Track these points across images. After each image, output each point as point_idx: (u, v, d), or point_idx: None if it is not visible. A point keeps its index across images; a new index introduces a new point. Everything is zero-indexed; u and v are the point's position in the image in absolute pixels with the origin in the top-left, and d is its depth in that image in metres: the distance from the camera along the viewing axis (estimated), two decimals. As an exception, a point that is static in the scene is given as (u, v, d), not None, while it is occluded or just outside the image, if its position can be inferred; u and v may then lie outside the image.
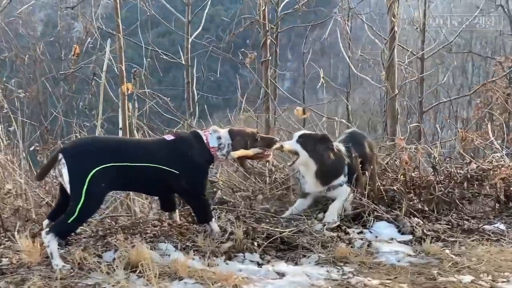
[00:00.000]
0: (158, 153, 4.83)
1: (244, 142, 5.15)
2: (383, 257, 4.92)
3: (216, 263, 4.52)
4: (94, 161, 4.47)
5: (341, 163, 5.95)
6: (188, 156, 4.92)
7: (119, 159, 4.60)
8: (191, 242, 4.84)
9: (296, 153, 5.78)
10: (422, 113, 13.46)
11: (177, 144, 4.96)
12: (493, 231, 5.78)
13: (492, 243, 5.46)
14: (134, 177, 4.72)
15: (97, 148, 4.66)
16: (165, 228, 5.17)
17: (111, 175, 4.52)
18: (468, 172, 6.67)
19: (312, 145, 5.77)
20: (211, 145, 5.05)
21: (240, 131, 5.29)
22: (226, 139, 5.12)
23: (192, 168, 4.93)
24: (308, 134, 5.99)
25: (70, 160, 4.47)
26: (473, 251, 5.15)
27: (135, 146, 4.95)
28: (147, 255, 4.22)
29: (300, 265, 4.68)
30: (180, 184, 4.87)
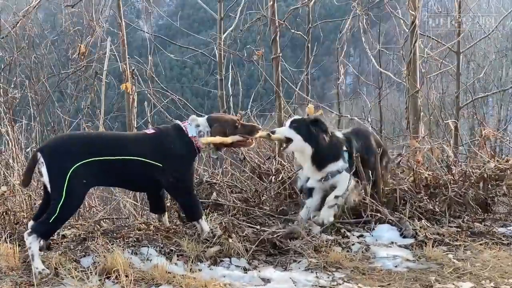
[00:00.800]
0: (140, 147, 4.76)
1: (223, 128, 5.05)
2: (379, 262, 4.74)
3: (199, 268, 4.42)
4: (73, 158, 4.43)
5: (338, 147, 5.74)
6: (170, 148, 4.85)
7: (99, 153, 4.55)
8: (176, 246, 4.74)
9: (289, 140, 5.59)
10: (459, 110, 13.06)
11: (158, 137, 4.91)
12: (505, 234, 5.50)
13: (501, 247, 5.19)
14: (116, 172, 4.67)
15: (76, 144, 4.62)
16: (150, 231, 5.07)
17: (92, 171, 4.48)
18: (484, 172, 6.38)
19: (305, 128, 5.59)
20: (190, 134, 4.97)
21: (218, 118, 5.23)
22: (205, 126, 5.04)
23: (175, 161, 4.85)
24: (300, 119, 5.80)
25: (49, 159, 4.45)
26: (479, 255, 4.92)
27: (115, 140, 4.87)
28: (124, 261, 4.14)
29: (289, 270, 4.54)
30: (165, 178, 4.80)
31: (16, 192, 5.64)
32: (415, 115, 8.56)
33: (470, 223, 5.76)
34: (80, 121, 7.47)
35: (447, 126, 11.10)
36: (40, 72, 7.98)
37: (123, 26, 6.67)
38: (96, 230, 5.21)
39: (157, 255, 4.57)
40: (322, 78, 31.65)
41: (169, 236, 4.99)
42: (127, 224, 5.51)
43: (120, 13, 6.62)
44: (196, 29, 28.04)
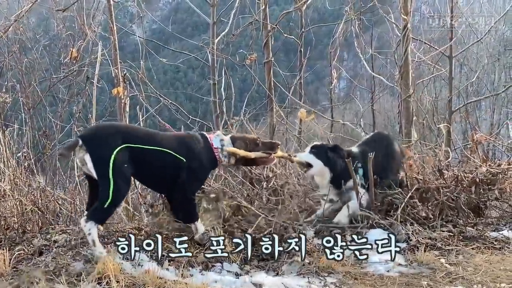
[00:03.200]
0: (169, 142, 4.99)
1: (245, 145, 5.31)
2: (371, 267, 4.72)
3: (191, 274, 4.41)
4: (114, 143, 4.58)
5: (354, 166, 5.94)
6: (195, 150, 5.07)
7: (135, 142, 4.72)
8: (167, 252, 4.70)
9: (309, 165, 5.96)
10: (451, 114, 13.11)
11: (187, 138, 5.15)
12: (497, 239, 5.51)
13: (493, 251, 5.20)
14: (145, 163, 4.80)
15: (115, 131, 4.75)
16: (141, 237, 5.05)
17: (129, 157, 4.66)
18: (476, 176, 6.40)
19: (324, 154, 5.94)
20: (215, 145, 5.20)
21: (241, 137, 5.48)
22: (228, 142, 5.27)
23: (198, 162, 5.06)
24: (319, 145, 6.15)
25: (91, 145, 4.57)
26: (471, 260, 4.93)
27: (149, 133, 5.08)
28: (115, 266, 4.12)
29: (281, 275, 4.53)
30: (182, 175, 4.95)
31: (7, 198, 5.62)
32: (408, 119, 8.61)
33: (462, 227, 5.75)
34: (72, 126, 7.45)
35: (440, 130, 11.13)
36: (31, 76, 7.95)
37: (114, 31, 6.65)
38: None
39: (148, 260, 4.54)
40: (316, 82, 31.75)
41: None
42: (118, 229, 5.48)
43: (112, 18, 6.61)
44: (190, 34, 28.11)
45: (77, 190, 6.72)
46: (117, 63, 6.68)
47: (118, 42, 7.85)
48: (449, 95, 13.08)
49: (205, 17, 11.57)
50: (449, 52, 12.70)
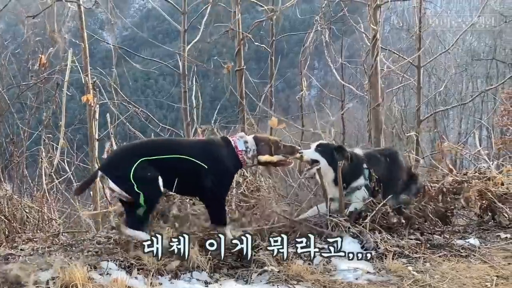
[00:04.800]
0: (190, 149, 5.19)
1: (269, 148, 5.44)
2: (340, 275, 4.75)
3: (160, 282, 4.38)
4: (130, 161, 4.84)
5: (359, 166, 6.15)
6: (218, 155, 5.22)
7: (149, 154, 4.94)
8: (136, 260, 4.67)
9: (315, 161, 6.04)
10: (420, 123, 13.21)
11: (208, 144, 5.40)
12: (463, 247, 5.57)
13: (460, 259, 5.26)
14: (166, 171, 4.96)
15: (129, 151, 5.13)
16: (110, 245, 5.01)
17: (148, 168, 4.88)
18: (443, 186, 6.49)
19: (330, 153, 6.05)
20: (239, 148, 5.33)
21: (264, 138, 5.59)
22: (252, 144, 5.40)
23: (220, 167, 5.20)
24: (325, 144, 6.31)
25: (109, 171, 4.90)
26: (438, 267, 4.98)
27: (166, 143, 5.42)
28: (83, 275, 4.08)
29: (251, 283, 4.53)
30: (206, 180, 5.08)
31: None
32: (377, 128, 8.67)
33: (429, 235, 5.82)
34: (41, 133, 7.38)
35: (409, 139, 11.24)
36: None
37: (85, 37, 6.62)
38: (54, 244, 5.16)
39: (117, 269, 4.51)
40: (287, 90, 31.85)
41: (130, 249, 4.93)
42: (87, 237, 5.44)
43: (82, 24, 6.58)
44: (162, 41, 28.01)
45: (45, 198, 6.64)
46: (87, 70, 6.64)
47: (88, 49, 7.83)
48: (417, 104, 13.16)
49: (176, 25, 11.53)
50: (418, 62, 12.80)
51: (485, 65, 30.23)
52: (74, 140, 8.01)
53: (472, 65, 30.83)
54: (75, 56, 7.09)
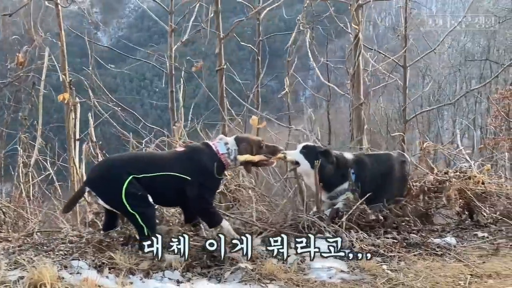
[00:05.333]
0: (172, 162, 5.14)
1: (250, 148, 5.40)
2: (314, 274, 4.74)
3: (131, 281, 4.37)
4: (121, 180, 4.79)
5: (344, 172, 6.16)
6: (201, 164, 5.19)
7: (138, 171, 4.90)
8: (108, 259, 4.67)
9: (297, 163, 6.11)
10: (406, 122, 13.26)
11: (187, 153, 5.29)
12: (439, 245, 5.59)
13: (435, 258, 5.28)
14: (153, 187, 4.95)
15: (118, 166, 5.00)
16: (81, 244, 5.00)
17: (138, 186, 4.85)
18: (424, 185, 6.51)
19: (314, 156, 6.01)
20: (220, 152, 5.31)
21: (245, 138, 5.57)
22: (233, 144, 5.39)
23: (205, 175, 5.17)
24: (311, 146, 6.28)
25: (99, 190, 4.90)
26: (412, 266, 5.00)
27: (152, 159, 5.32)
28: (52, 274, 4.07)
29: (224, 282, 4.51)
30: (192, 191, 5.08)
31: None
32: (359, 127, 8.68)
33: (406, 234, 5.84)
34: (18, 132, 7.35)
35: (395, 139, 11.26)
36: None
37: (62, 36, 6.61)
38: (26, 243, 5.15)
39: (88, 268, 4.50)
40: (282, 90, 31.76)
41: (102, 248, 4.94)
42: (59, 237, 5.42)
43: (60, 23, 6.56)
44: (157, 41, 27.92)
45: (23, 198, 6.64)
46: (65, 69, 6.63)
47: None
48: (403, 104, 13.20)
49: (163, 24, 11.51)
50: (403, 62, 12.82)
51: (478, 65, 30.41)
52: (54, 139, 7.98)
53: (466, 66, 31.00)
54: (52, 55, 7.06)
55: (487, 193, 6.74)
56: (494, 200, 6.75)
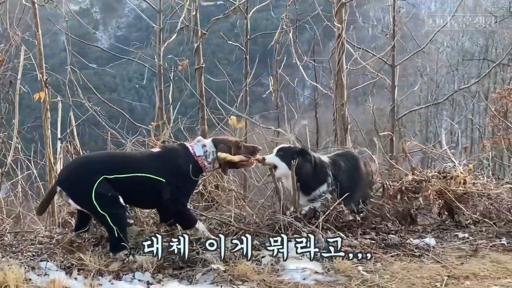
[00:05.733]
0: (146, 164, 5.07)
1: (228, 149, 5.34)
2: (287, 275, 4.69)
3: (100, 283, 4.33)
4: (91, 180, 4.74)
5: (323, 172, 6.15)
6: (176, 166, 5.13)
7: (110, 172, 4.84)
8: (77, 260, 4.63)
9: (275, 166, 6.04)
10: (394, 121, 13.20)
11: (164, 155, 5.23)
12: (418, 246, 5.55)
13: (412, 259, 5.24)
14: (125, 188, 4.90)
15: (89, 166, 4.95)
16: (51, 245, 4.96)
17: (108, 187, 4.80)
18: (402, 185, 6.47)
19: (290, 157, 5.97)
20: (197, 154, 5.25)
21: (223, 139, 5.52)
22: (210, 146, 5.33)
23: (179, 178, 5.12)
24: (286, 147, 6.27)
25: (69, 189, 4.83)
26: (389, 267, 4.95)
27: (126, 159, 5.25)
28: (18, 276, 4.02)
29: (195, 284, 4.47)
30: (165, 194, 5.05)
31: None
32: (342, 127, 8.64)
33: (385, 235, 5.81)
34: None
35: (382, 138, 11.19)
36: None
37: (39, 35, 6.56)
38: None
39: (56, 269, 4.46)
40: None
41: (72, 250, 4.90)
42: (29, 238, 5.38)
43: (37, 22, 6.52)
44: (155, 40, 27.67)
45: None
46: (42, 67, 6.59)
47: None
48: (392, 103, 13.14)
49: (152, 24, 11.44)
50: (392, 61, 12.79)
51: (477, 65, 30.54)
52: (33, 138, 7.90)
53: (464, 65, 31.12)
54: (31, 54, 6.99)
55: (468, 194, 6.69)
56: (476, 201, 6.70)
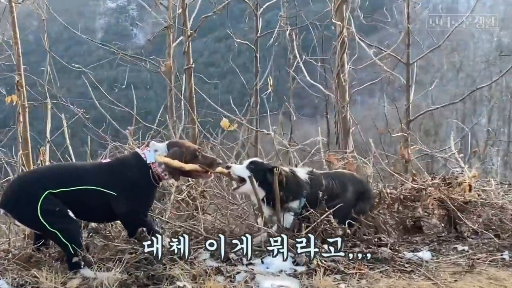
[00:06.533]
0: (96, 176, 4.78)
1: (180, 154, 4.96)
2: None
3: (53, 303, 4.07)
4: (34, 196, 4.47)
5: (296, 191, 5.69)
6: (127, 177, 4.83)
7: (55, 186, 4.56)
8: (32, 278, 4.36)
9: (243, 180, 5.58)
10: (409, 122, 12.81)
11: (113, 165, 4.92)
12: (409, 261, 5.19)
13: (401, 275, 4.87)
14: (74, 202, 4.63)
15: (32, 182, 4.66)
16: (5, 261, 4.71)
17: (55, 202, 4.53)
18: (401, 193, 6.12)
19: (261, 173, 5.59)
20: (149, 161, 4.90)
21: (178, 143, 5.21)
22: (163, 151, 4.98)
23: (132, 190, 4.80)
24: (259, 162, 5.84)
25: (13, 211, 4.57)
26: (374, 285, 4.62)
27: (73, 172, 4.88)
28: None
29: (158, 303, 4.19)
30: (119, 207, 4.78)
31: None
32: (344, 129, 8.32)
33: (375, 248, 5.44)
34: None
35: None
36: None
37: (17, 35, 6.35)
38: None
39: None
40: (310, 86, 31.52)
41: (29, 266, 4.64)
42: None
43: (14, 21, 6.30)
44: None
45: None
46: (20, 69, 6.38)
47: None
48: (406, 103, 12.76)
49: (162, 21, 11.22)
50: (406, 59, 12.43)
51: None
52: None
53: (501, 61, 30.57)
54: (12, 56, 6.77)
55: (471, 203, 6.30)
56: (478, 210, 6.31)
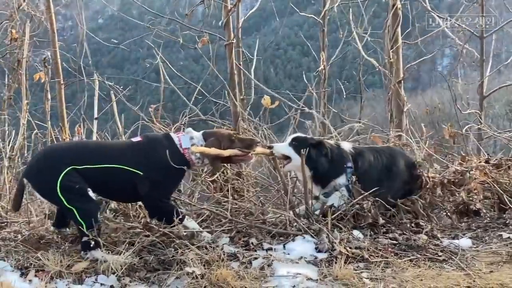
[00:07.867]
0: (123, 154, 4.80)
1: (218, 142, 4.96)
2: (275, 281, 4.22)
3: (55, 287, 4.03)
4: (57, 171, 4.49)
5: (341, 163, 5.64)
6: (155, 158, 4.81)
7: (80, 162, 4.59)
8: (37, 260, 4.35)
9: (287, 157, 5.59)
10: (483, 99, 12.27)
11: (143, 145, 4.90)
12: (444, 249, 4.90)
13: (432, 264, 4.60)
14: (98, 180, 4.67)
15: (57, 157, 4.68)
16: (12, 242, 4.72)
17: (76, 180, 4.54)
18: (444, 177, 5.81)
19: (305, 149, 5.50)
20: (183, 146, 4.90)
21: (214, 132, 5.19)
22: (199, 140, 4.98)
23: (159, 171, 4.80)
24: (302, 138, 5.80)
25: (35, 181, 4.60)
26: (399, 275, 4.37)
27: (99, 149, 4.94)
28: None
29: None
30: (143, 188, 4.76)
31: None
32: (398, 107, 7.99)
33: (411, 234, 5.17)
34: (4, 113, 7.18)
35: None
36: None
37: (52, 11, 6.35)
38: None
39: (11, 270, 4.23)
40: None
41: (39, 246, 4.65)
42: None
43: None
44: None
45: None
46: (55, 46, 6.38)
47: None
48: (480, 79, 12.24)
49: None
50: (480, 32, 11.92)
51: None
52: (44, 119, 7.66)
53: None
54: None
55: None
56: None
